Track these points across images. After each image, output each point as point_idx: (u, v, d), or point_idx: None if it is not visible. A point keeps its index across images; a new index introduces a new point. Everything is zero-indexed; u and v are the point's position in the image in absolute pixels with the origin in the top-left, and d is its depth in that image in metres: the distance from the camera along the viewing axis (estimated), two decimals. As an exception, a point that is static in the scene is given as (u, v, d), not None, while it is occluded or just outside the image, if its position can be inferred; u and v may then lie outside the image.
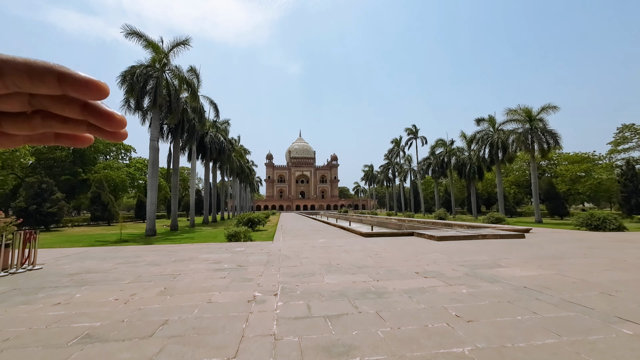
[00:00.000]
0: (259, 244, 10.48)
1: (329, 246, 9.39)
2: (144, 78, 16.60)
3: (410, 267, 5.95)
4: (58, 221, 21.52)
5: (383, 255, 7.42)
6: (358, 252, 7.97)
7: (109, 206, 27.33)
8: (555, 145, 25.24)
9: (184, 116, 20.61)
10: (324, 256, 7.47)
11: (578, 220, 15.46)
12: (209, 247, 9.76)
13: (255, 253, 8.18)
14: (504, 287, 4.45)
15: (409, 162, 52.65)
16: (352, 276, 5.29)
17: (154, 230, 16.17)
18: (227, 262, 6.89)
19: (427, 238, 10.91)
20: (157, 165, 16.96)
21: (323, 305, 3.75)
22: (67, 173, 32.64)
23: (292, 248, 9.07)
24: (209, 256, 7.75)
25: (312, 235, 13.20)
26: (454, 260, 6.68)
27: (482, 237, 10.60)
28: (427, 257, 7.07)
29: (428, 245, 9.17)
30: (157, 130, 17.13)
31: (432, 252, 7.91)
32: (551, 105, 25.90)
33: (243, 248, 9.26)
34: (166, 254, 8.21)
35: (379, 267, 5.99)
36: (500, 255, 7.27)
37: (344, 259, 6.98)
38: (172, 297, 4.19)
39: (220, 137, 28.99)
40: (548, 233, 12.85)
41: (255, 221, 18.54)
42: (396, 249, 8.57)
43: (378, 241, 10.45)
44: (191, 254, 8.25)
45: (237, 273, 5.67)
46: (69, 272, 6.08)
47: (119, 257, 7.84)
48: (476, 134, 31.85)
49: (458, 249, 8.42)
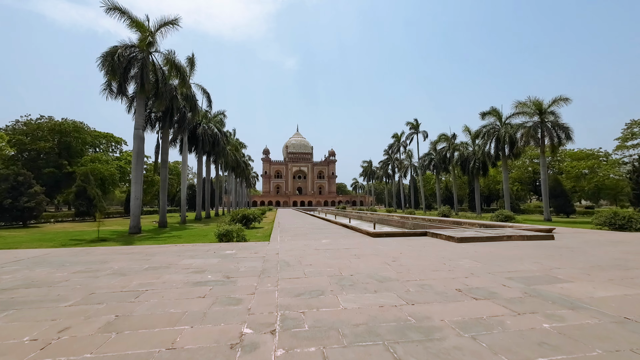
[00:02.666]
0: (254, 245, 9.12)
1: (335, 248, 8.06)
2: (126, 59, 15.01)
3: (446, 281, 4.63)
4: (37, 217, 19.96)
5: (403, 262, 6.10)
6: (371, 258, 6.65)
7: (95, 201, 25.72)
8: (566, 139, 24.09)
9: (174, 104, 19.03)
10: (331, 263, 6.13)
11: (599, 220, 14.31)
12: (194, 249, 8.38)
13: (248, 258, 6.82)
14: (598, 317, 3.14)
15: (409, 157, 51.40)
16: (376, 296, 3.96)
17: (138, 228, 14.73)
18: (211, 271, 5.53)
19: (444, 239, 9.63)
20: (142, 156, 15.45)
21: (347, 355, 2.41)
22: (52, 165, 30.84)
23: (292, 251, 7.73)
24: (191, 262, 6.38)
25: (313, 235, 11.87)
26: (495, 270, 5.38)
27: (508, 239, 9.34)
28: (458, 265, 5.76)
29: (450, 248, 7.88)
30: (142, 118, 15.59)
31: (459, 257, 6.61)
32: (563, 98, 24.68)
33: (234, 251, 7.89)
34: (140, 259, 6.82)
35: (406, 281, 4.67)
36: (547, 263, 5.99)
37: (357, 268, 5.65)
38: (118, 335, 2.81)
39: (214, 128, 27.42)
40: (574, 234, 11.64)
41: (250, 218, 17.16)
42: (415, 253, 7.26)
43: (389, 242, 9.14)
44: (170, 258, 6.86)
45: (222, 289, 4.32)
46: (2, 286, 4.67)
47: (81, 263, 6.43)
48: (482, 129, 30.58)
49: (488, 253, 7.13)
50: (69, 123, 33.60)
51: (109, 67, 14.14)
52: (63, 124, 32.94)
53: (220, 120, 30.83)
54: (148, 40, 15.33)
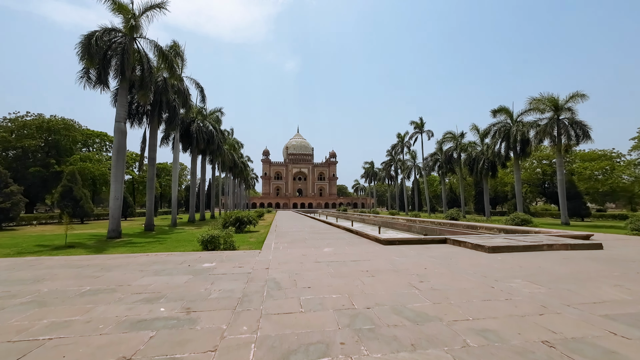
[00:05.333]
0: (241, 255, 7.53)
1: (340, 260, 6.48)
2: (106, 44, 13.52)
3: (514, 323, 3.04)
4: (13, 219, 18.41)
5: (435, 284, 4.52)
6: (390, 276, 5.07)
7: (82, 202, 24.13)
8: (584, 138, 22.52)
9: (163, 97, 17.54)
10: (337, 284, 4.55)
11: (636, 224, 12.72)
12: (166, 260, 6.80)
13: (229, 275, 5.25)
14: None
15: (413, 158, 49.72)
16: (416, 358, 2.37)
17: (117, 232, 13.15)
18: (170, 297, 3.95)
19: (471, 248, 8.03)
20: (123, 152, 13.90)
21: None
22: (39, 164, 29.32)
23: (286, 264, 6.15)
24: (150, 282, 4.80)
25: (313, 241, 10.28)
26: (572, 300, 3.79)
27: (548, 248, 7.75)
28: (512, 290, 4.18)
29: (484, 261, 6.29)
30: (124, 109, 14.06)
31: (506, 275, 5.02)
32: (579, 94, 23.12)
33: (214, 263, 6.31)
34: (88, 275, 5.25)
35: (452, 321, 3.09)
36: (632, 286, 4.40)
37: (374, 293, 4.06)
38: None
39: (209, 126, 25.91)
40: (617, 241, 10.02)
41: (244, 221, 15.55)
42: (443, 268, 5.67)
43: (405, 252, 7.55)
44: (128, 275, 5.29)
45: (169, 338, 2.74)
46: None
47: (9, 282, 4.87)
48: (491, 127, 29.02)
49: (538, 269, 5.54)
50: (58, 120, 32.01)
51: (84, 52, 12.60)
52: (51, 121, 31.35)
53: (216, 118, 29.32)
54: (131, 24, 13.81)
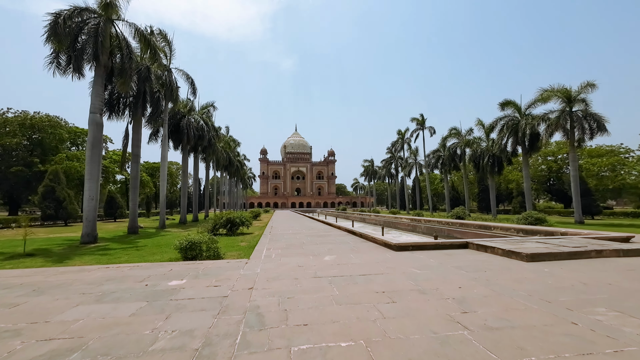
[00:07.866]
0: (223, 266, 6.11)
1: (347, 275, 5.08)
2: (78, 25, 12.04)
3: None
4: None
5: (487, 318, 3.13)
6: (418, 302, 3.67)
7: (65, 203, 22.63)
8: (599, 131, 21.22)
9: (147, 87, 16.07)
10: (347, 320, 3.15)
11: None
12: (125, 276, 5.37)
13: (196, 301, 3.84)
14: None
15: (414, 155, 48.35)
16: None
17: (92, 236, 11.73)
18: (90, 349, 2.53)
19: (502, 255, 6.65)
20: (98, 146, 12.47)
21: None
22: (22, 163, 27.73)
23: (277, 282, 4.74)
24: (83, 313, 3.38)
25: (311, 246, 8.88)
26: None
27: (597, 255, 6.38)
28: (605, 328, 2.79)
29: (531, 275, 4.91)
30: (99, 99, 12.61)
31: (580, 301, 3.64)
32: (590, 83, 21.79)
33: (184, 281, 4.90)
34: (5, 303, 3.83)
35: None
36: None
37: (405, 340, 2.67)
38: None
39: (199, 120, 24.42)
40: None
41: (236, 222, 14.12)
42: (485, 287, 4.28)
43: (424, 261, 6.17)
44: (59, 302, 3.87)
45: None
46: None
47: None
48: (498, 121, 27.66)
49: (609, 287, 4.16)
50: (42, 117, 30.31)
51: (51, 32, 11.10)
52: (35, 118, 29.71)
53: (208, 113, 27.86)
54: (105, 1, 12.32)
